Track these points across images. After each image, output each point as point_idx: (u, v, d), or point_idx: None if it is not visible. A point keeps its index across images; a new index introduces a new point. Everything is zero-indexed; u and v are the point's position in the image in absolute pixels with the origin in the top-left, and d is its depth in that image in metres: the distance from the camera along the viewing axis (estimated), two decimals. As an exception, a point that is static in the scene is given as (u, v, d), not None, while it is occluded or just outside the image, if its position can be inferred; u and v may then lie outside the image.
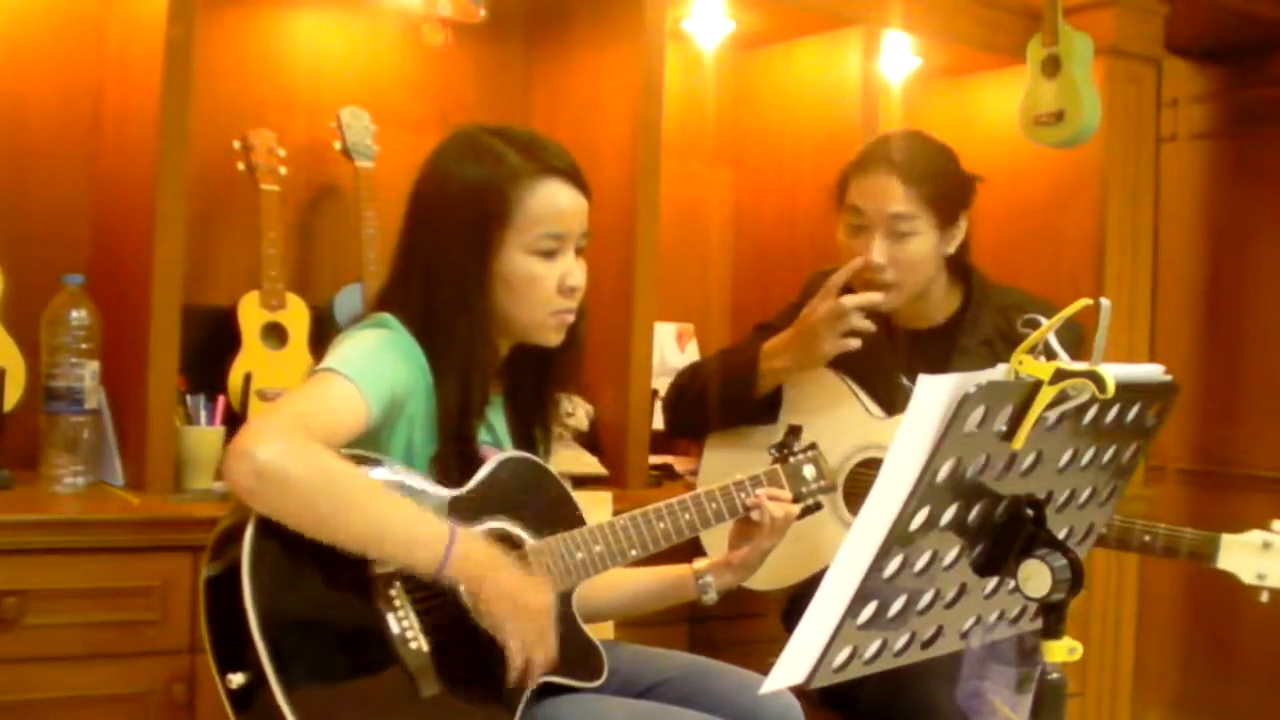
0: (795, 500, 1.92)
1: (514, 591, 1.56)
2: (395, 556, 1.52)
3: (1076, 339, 1.24)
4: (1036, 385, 1.17)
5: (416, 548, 1.51)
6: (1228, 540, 1.79)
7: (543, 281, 1.71)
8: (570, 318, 1.76)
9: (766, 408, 2.30)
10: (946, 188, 2.19)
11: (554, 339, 1.76)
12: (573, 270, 1.73)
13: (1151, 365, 1.34)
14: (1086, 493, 1.37)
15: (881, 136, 2.32)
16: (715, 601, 1.92)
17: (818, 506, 1.97)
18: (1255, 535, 1.77)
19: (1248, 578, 1.79)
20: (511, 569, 1.58)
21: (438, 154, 1.76)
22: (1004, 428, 1.18)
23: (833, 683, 1.24)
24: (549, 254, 1.71)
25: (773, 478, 1.91)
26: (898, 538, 1.17)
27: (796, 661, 1.20)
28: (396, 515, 1.52)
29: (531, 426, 1.85)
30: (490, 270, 1.69)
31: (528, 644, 1.56)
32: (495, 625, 1.56)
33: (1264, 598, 1.77)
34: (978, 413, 1.15)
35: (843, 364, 2.25)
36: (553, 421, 1.88)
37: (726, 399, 2.31)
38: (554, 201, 1.70)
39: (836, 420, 2.20)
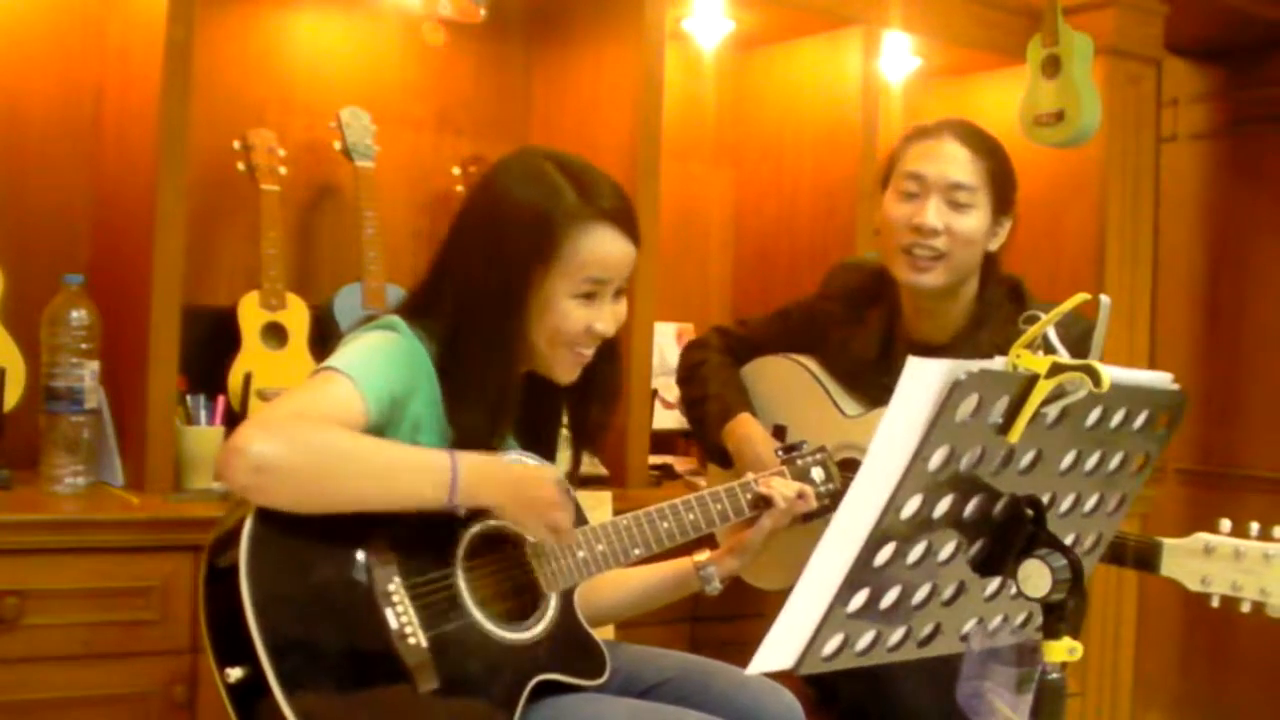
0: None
1: (523, 491, 1.63)
2: (404, 503, 1.55)
3: (1085, 345, 1.23)
4: (1032, 378, 1.17)
5: (422, 489, 1.55)
6: (1170, 546, 1.70)
7: (574, 324, 1.70)
8: (587, 358, 1.75)
9: (723, 455, 2.26)
10: (1006, 171, 2.12)
11: (566, 378, 1.75)
12: (605, 317, 1.72)
13: (1160, 373, 1.33)
14: (1093, 500, 1.36)
15: (941, 118, 2.20)
16: (719, 591, 1.91)
17: (827, 509, 1.96)
18: (1197, 539, 1.67)
19: (1192, 585, 1.68)
20: (513, 470, 1.64)
21: (496, 171, 1.75)
22: (999, 420, 1.18)
23: (821, 672, 1.24)
24: (588, 297, 1.70)
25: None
26: (889, 525, 1.17)
27: (784, 645, 1.20)
28: (395, 463, 1.55)
29: (540, 430, 1.84)
30: (527, 304, 1.68)
31: (556, 528, 1.65)
32: (520, 527, 1.66)
33: (1215, 603, 1.68)
34: (970, 402, 1.15)
35: (824, 367, 2.25)
36: (561, 426, 1.88)
37: (694, 428, 2.38)
38: (603, 249, 1.69)
39: (810, 422, 2.18)
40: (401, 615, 1.54)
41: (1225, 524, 1.63)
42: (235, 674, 1.44)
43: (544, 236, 1.66)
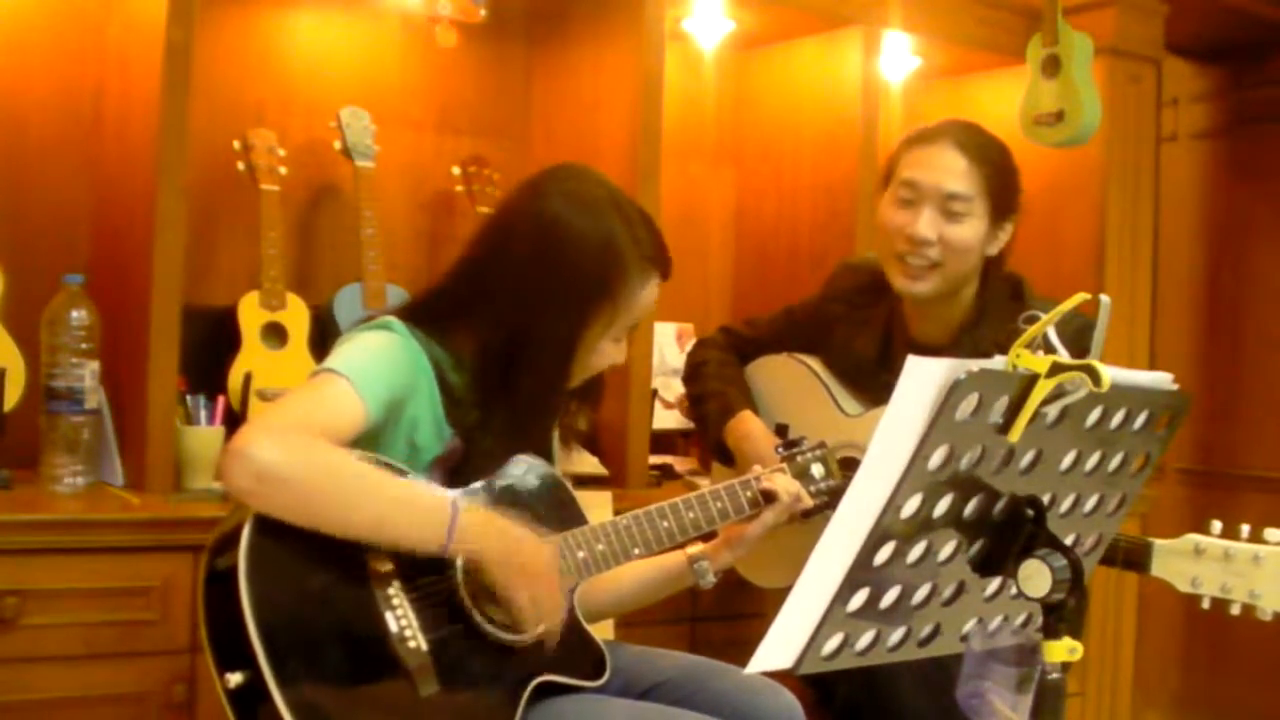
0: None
1: (517, 553, 1.58)
2: (399, 542, 1.53)
3: (1083, 341, 1.22)
4: (1032, 378, 1.17)
5: (419, 530, 1.53)
6: (1160, 546, 1.67)
7: (604, 362, 1.76)
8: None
9: (724, 453, 2.27)
10: (1006, 177, 2.08)
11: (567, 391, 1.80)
12: (624, 351, 1.78)
13: (1160, 373, 1.33)
14: (1094, 500, 1.36)
15: (943, 120, 2.15)
16: (713, 585, 1.91)
17: (828, 505, 1.95)
18: (1188, 540, 1.65)
19: (1182, 586, 1.66)
20: (513, 531, 1.60)
21: (544, 192, 1.73)
22: (1000, 420, 1.18)
23: (820, 671, 1.24)
24: (619, 339, 1.75)
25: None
26: (889, 524, 1.17)
27: (784, 644, 1.20)
28: (397, 499, 1.54)
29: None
30: (580, 348, 1.71)
31: (538, 602, 1.59)
32: (504, 589, 1.58)
33: (1205, 605, 1.67)
34: (970, 401, 1.15)
35: (827, 366, 2.25)
36: (559, 426, 1.88)
37: (697, 426, 2.39)
38: (651, 299, 1.75)
39: (812, 421, 2.17)
40: (401, 618, 1.53)
41: (1216, 525, 1.62)
42: (235, 679, 1.43)
43: (613, 281, 1.68)
